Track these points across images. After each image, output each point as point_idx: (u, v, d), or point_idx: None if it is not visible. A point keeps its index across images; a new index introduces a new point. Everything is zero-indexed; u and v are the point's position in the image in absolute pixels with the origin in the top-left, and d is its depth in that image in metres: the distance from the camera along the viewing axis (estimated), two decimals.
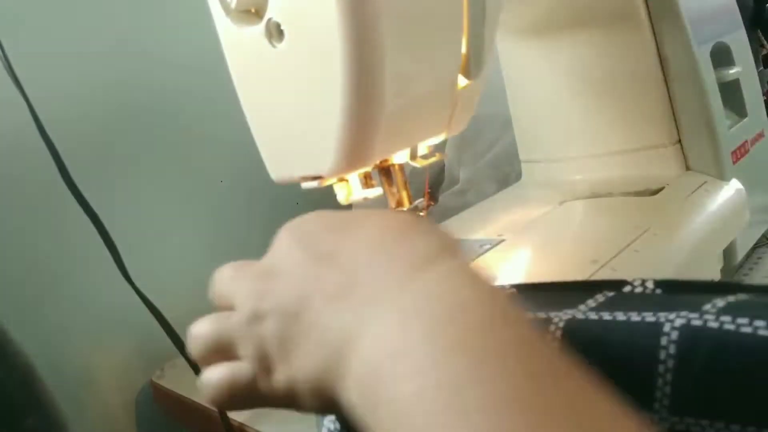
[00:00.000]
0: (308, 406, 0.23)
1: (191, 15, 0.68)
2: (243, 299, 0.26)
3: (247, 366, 0.25)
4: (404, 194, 0.39)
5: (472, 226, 0.55)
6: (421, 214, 0.40)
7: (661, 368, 0.22)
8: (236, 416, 0.50)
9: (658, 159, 0.58)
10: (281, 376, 0.23)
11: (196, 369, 0.48)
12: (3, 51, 0.43)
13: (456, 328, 0.19)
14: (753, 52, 0.67)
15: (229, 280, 0.29)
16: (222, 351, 0.26)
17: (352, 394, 0.20)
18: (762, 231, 0.64)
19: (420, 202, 0.40)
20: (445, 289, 0.20)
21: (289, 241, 0.27)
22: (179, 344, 0.47)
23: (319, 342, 0.22)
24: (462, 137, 0.80)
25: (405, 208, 0.39)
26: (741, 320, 0.22)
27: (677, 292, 0.26)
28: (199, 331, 0.28)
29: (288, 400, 0.24)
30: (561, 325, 0.25)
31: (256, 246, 0.83)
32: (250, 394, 0.25)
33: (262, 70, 0.34)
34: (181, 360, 0.48)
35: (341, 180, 0.37)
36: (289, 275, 0.25)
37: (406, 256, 0.22)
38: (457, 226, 0.58)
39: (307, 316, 0.23)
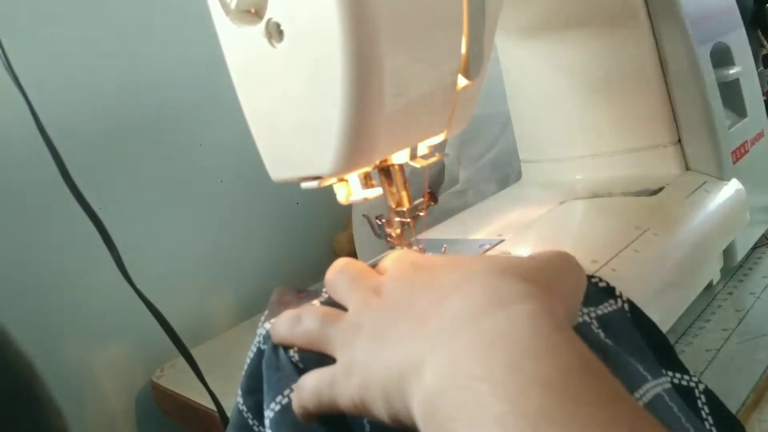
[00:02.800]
0: (378, 412, 0.25)
1: (191, 15, 0.68)
2: (353, 308, 0.29)
3: (333, 369, 0.27)
4: (404, 194, 0.39)
5: (472, 226, 0.55)
6: (421, 214, 0.40)
7: None
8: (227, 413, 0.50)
9: (657, 159, 0.58)
10: (358, 379, 0.25)
11: (196, 369, 0.48)
12: (4, 52, 0.43)
13: (538, 363, 0.19)
14: (753, 52, 0.67)
15: (348, 284, 0.31)
16: (317, 345, 0.29)
17: (419, 407, 0.22)
18: (762, 231, 0.64)
19: (420, 202, 0.40)
20: (530, 325, 0.21)
21: (400, 266, 0.30)
22: (179, 344, 0.47)
23: (398, 351, 0.24)
24: (462, 137, 0.81)
25: (405, 208, 0.39)
26: None
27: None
28: (306, 324, 0.30)
29: (361, 405, 0.25)
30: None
31: (256, 246, 0.84)
32: (330, 394, 0.26)
33: (261, 71, 0.34)
34: (181, 360, 0.49)
35: (341, 180, 0.37)
36: (391, 296, 0.27)
37: (489, 293, 0.23)
38: (457, 226, 0.58)
39: (395, 329, 0.25)
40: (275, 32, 0.32)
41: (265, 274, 0.77)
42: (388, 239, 0.41)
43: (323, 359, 0.29)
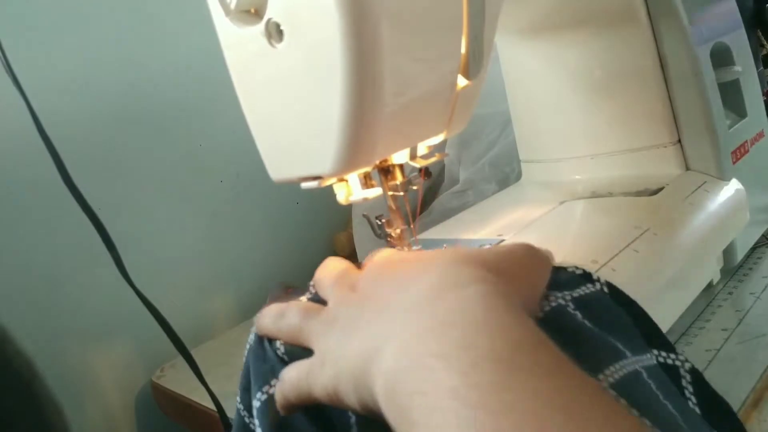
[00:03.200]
0: (350, 401, 0.25)
1: (191, 16, 0.68)
2: (331, 303, 0.31)
3: (311, 361, 0.28)
4: (398, 170, 0.39)
5: (471, 226, 0.55)
6: (414, 187, 0.40)
7: None
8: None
9: (658, 159, 0.58)
10: (330, 370, 0.26)
11: (196, 369, 0.48)
12: (3, 53, 0.43)
13: (492, 340, 0.20)
14: (753, 52, 0.67)
15: (331, 281, 0.33)
16: (298, 339, 0.31)
17: (380, 389, 0.22)
18: (762, 231, 0.64)
19: (414, 176, 0.40)
20: (483, 304, 0.22)
21: (375, 263, 0.32)
22: (179, 344, 0.47)
23: (362, 339, 0.25)
24: (462, 137, 0.81)
25: (399, 182, 0.39)
26: None
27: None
28: (288, 319, 0.32)
29: (334, 395, 0.26)
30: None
31: (256, 246, 0.84)
32: (307, 385, 0.27)
33: (261, 71, 0.34)
34: (181, 360, 0.49)
35: (341, 180, 0.37)
36: (363, 291, 0.29)
37: (446, 276, 0.25)
38: (457, 226, 0.58)
39: (362, 319, 0.26)
40: (275, 32, 0.32)
41: (265, 274, 0.77)
42: (388, 239, 0.41)
43: (306, 352, 0.30)
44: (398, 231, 0.41)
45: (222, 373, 0.58)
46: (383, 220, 0.41)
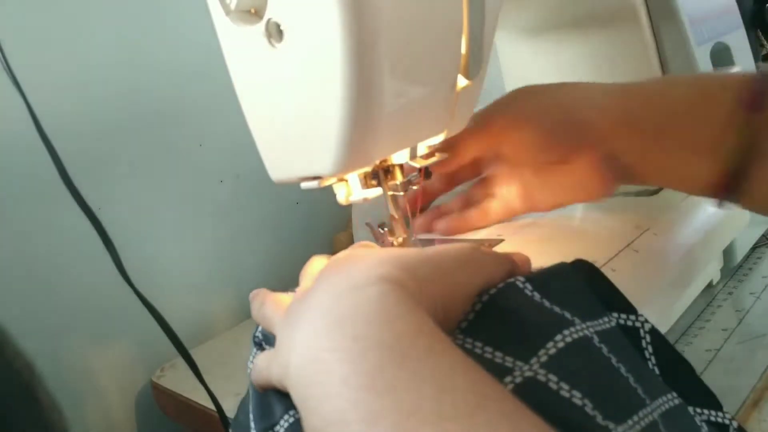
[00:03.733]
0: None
1: (190, 16, 0.68)
2: (294, 298, 0.33)
3: (271, 351, 0.31)
4: (397, 169, 0.39)
5: None
6: (414, 187, 0.40)
7: None
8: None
9: None
10: (278, 362, 0.29)
11: (196, 369, 0.48)
12: (2, 53, 0.43)
13: (380, 331, 0.23)
14: (753, 52, 0.67)
15: (305, 277, 0.36)
16: (269, 328, 0.34)
17: (289, 385, 0.26)
18: (761, 231, 0.64)
19: (414, 176, 0.41)
20: (376, 301, 0.25)
21: (327, 265, 0.33)
22: (178, 344, 0.47)
23: (289, 336, 0.28)
24: None
25: (399, 182, 0.39)
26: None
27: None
28: (265, 309, 0.35)
29: (281, 385, 0.29)
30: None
31: (256, 246, 0.84)
32: (268, 373, 0.30)
33: (261, 71, 0.34)
34: (181, 360, 0.49)
35: (341, 180, 0.37)
36: (309, 288, 0.31)
37: (347, 278, 0.27)
38: None
39: (297, 315, 0.28)
40: (275, 32, 0.32)
41: (266, 274, 0.77)
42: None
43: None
44: (400, 239, 0.41)
45: (222, 373, 0.58)
46: (385, 229, 0.41)
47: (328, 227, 0.83)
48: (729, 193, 0.38)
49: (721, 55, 0.59)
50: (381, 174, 0.39)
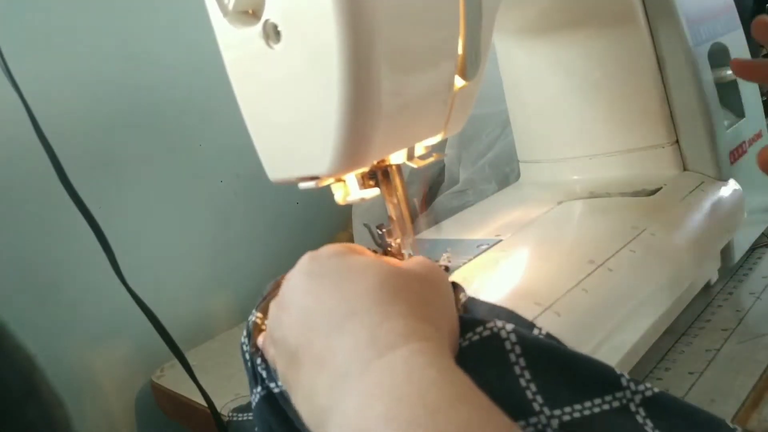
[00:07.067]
0: None
1: (189, 17, 0.69)
2: (269, 322, 0.33)
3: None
4: (404, 206, 0.40)
5: (470, 226, 0.55)
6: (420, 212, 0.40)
7: None
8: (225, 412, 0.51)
9: (655, 159, 0.58)
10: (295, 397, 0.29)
11: (190, 370, 0.48)
12: (1, 54, 0.44)
13: (412, 409, 0.22)
14: (752, 52, 0.67)
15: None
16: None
17: None
18: (760, 231, 0.64)
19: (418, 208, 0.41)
20: (404, 371, 0.24)
21: (300, 276, 0.32)
22: (173, 347, 0.47)
23: (307, 399, 0.27)
24: (462, 137, 0.81)
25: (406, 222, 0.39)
26: None
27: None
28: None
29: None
30: None
31: (256, 246, 0.84)
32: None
33: (259, 71, 0.34)
34: None
35: (338, 180, 0.38)
36: (291, 315, 0.30)
37: (372, 342, 0.26)
38: (456, 226, 0.58)
39: (300, 366, 0.28)
40: (272, 33, 0.32)
41: (265, 274, 0.77)
42: (389, 249, 0.42)
43: None
44: (398, 241, 0.41)
45: (222, 374, 0.59)
46: (384, 230, 0.41)
47: (328, 227, 0.83)
48: None
49: (718, 56, 0.59)
50: (379, 174, 0.39)
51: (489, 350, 0.28)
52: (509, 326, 0.30)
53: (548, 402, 0.27)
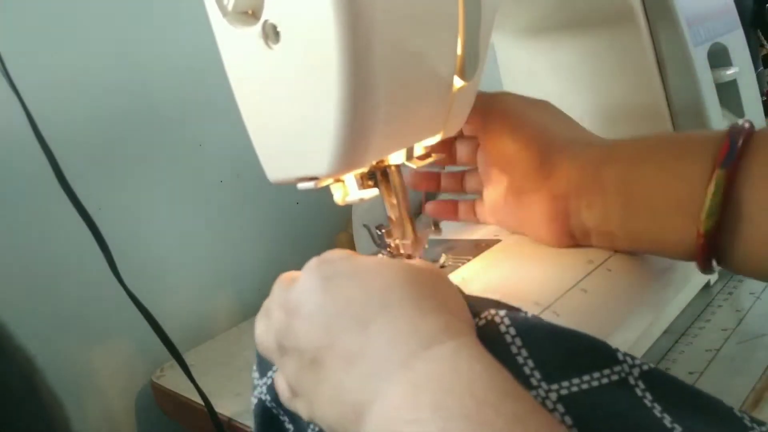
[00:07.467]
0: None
1: (188, 17, 0.69)
2: (274, 330, 0.31)
3: (286, 384, 0.31)
4: (408, 226, 0.40)
5: (470, 226, 0.55)
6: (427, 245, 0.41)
7: None
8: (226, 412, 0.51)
9: None
10: (303, 408, 0.29)
11: (188, 371, 0.48)
12: None
13: (461, 400, 0.22)
14: (753, 52, 0.67)
15: (270, 301, 0.34)
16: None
17: None
18: None
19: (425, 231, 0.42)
20: (452, 364, 0.24)
21: (313, 280, 0.31)
22: (171, 348, 0.47)
23: (336, 399, 0.27)
24: None
25: (410, 241, 0.40)
26: None
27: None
28: (256, 333, 0.34)
29: (309, 419, 0.29)
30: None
31: (256, 246, 0.84)
32: (292, 406, 0.31)
33: (258, 72, 0.34)
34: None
35: (337, 181, 0.38)
36: (308, 320, 0.29)
37: (414, 335, 0.26)
38: (455, 226, 0.58)
39: (321, 368, 0.27)
40: (272, 33, 0.32)
41: (266, 274, 0.77)
42: (388, 249, 0.42)
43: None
44: (397, 242, 0.41)
45: (221, 374, 0.59)
46: (383, 231, 0.41)
47: (328, 227, 0.83)
48: (708, 255, 0.35)
49: (718, 56, 0.59)
50: (378, 174, 0.39)
51: (488, 338, 0.28)
52: (502, 311, 0.30)
53: (546, 377, 0.28)
